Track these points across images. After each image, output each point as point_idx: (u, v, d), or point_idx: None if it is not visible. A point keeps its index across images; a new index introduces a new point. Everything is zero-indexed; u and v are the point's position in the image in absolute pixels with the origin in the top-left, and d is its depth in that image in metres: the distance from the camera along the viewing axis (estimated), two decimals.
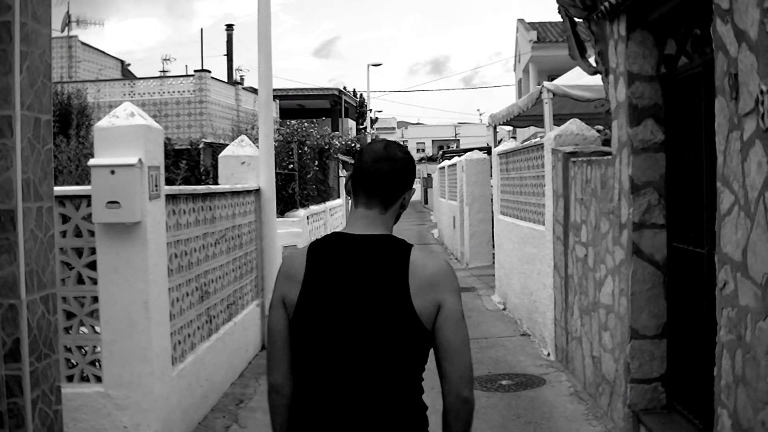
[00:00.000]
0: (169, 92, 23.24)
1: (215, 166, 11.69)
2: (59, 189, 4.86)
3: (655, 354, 5.12)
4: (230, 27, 33.19)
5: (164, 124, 20.26)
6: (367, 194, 2.25)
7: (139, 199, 4.95)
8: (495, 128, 14.68)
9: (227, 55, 32.49)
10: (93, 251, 5.06)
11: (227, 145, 9.60)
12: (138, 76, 27.05)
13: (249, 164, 8.83)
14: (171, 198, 5.69)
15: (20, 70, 2.89)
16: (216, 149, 17.88)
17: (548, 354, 8.04)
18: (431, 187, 41.03)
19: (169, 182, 8.97)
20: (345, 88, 40.83)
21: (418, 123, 78.54)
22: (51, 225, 3.16)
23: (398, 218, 2.33)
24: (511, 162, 10.76)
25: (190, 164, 16.18)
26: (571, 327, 7.16)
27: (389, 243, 2.21)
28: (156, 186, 5.20)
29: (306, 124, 14.31)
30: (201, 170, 17.31)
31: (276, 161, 9.80)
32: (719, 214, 3.57)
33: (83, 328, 5.17)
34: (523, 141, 16.70)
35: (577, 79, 10.09)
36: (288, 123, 14.54)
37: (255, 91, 21.78)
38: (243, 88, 27.45)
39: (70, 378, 5.13)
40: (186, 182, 14.40)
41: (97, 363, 5.11)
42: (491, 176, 13.66)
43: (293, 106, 34.24)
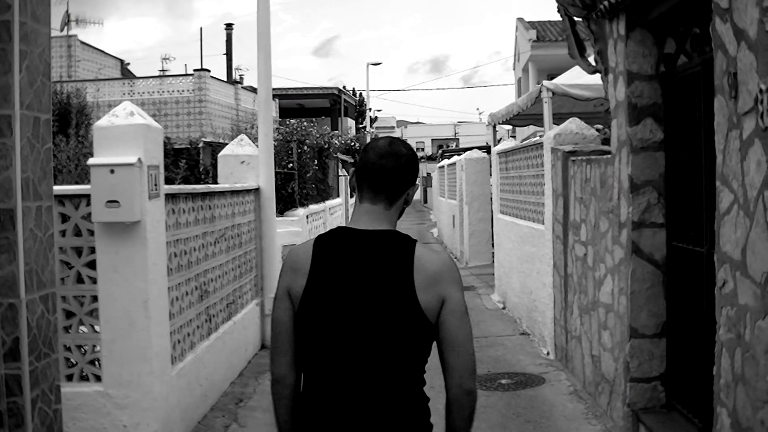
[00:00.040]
0: (169, 91, 23.22)
1: (215, 166, 11.70)
2: (59, 188, 4.86)
3: (655, 353, 5.12)
4: (230, 26, 33.19)
5: (164, 124, 20.25)
6: (373, 190, 2.30)
7: (139, 199, 4.95)
8: (494, 127, 14.67)
9: (227, 55, 32.48)
10: (92, 250, 5.06)
11: (227, 145, 9.60)
12: (137, 76, 27.03)
13: (248, 163, 8.83)
14: (170, 197, 5.69)
15: (19, 70, 2.89)
16: (215, 148, 17.89)
17: (548, 353, 8.04)
18: (431, 186, 41.03)
19: (169, 181, 8.96)
20: (344, 88, 40.82)
21: (418, 122, 78.57)
22: (50, 224, 3.15)
23: (402, 213, 2.39)
24: (511, 161, 10.76)
25: (190, 163, 16.19)
26: (571, 326, 7.16)
27: (394, 238, 2.26)
28: (155, 185, 5.20)
29: (305, 124, 14.30)
30: (200, 169, 17.32)
31: (275, 160, 9.80)
32: (718, 213, 3.57)
33: (83, 328, 5.17)
34: (523, 140, 16.70)
35: (577, 78, 10.08)
36: (287, 122, 14.53)
37: (254, 91, 21.78)
38: (242, 88, 27.44)
39: (70, 377, 5.13)
40: (185, 181, 14.41)
41: (97, 362, 5.11)
42: (491, 175, 13.67)
43: (293, 106, 34.23)
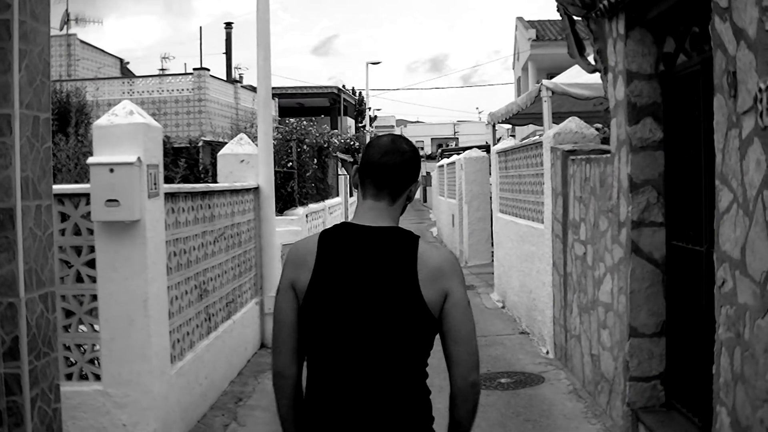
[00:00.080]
0: (168, 90, 23.21)
1: (214, 165, 11.70)
2: (58, 187, 4.86)
3: (654, 352, 5.12)
4: (229, 25, 33.14)
5: (163, 123, 20.24)
6: (376, 186, 2.33)
7: (138, 198, 4.95)
8: (494, 126, 14.68)
9: (226, 54, 32.44)
10: (92, 249, 5.05)
11: (226, 144, 9.59)
12: (137, 75, 27.02)
13: (248, 162, 8.82)
14: (170, 196, 5.69)
15: (19, 69, 2.89)
16: (215, 147, 17.89)
17: (547, 352, 8.04)
18: (430, 186, 41.02)
19: (168, 180, 8.96)
20: (344, 87, 40.79)
21: (417, 121, 78.53)
22: (50, 223, 3.15)
23: (404, 210, 2.41)
24: (510, 160, 10.76)
25: (189, 162, 16.19)
26: (570, 325, 7.16)
27: (398, 235, 2.30)
28: (155, 184, 5.20)
29: (305, 123, 14.29)
30: (200, 168, 17.32)
31: (275, 159, 9.80)
32: (718, 212, 3.57)
33: (82, 327, 5.17)
34: (522, 139, 16.70)
35: (576, 78, 10.09)
36: (287, 121, 14.52)
37: (254, 90, 21.77)
38: (242, 87, 27.42)
39: (69, 376, 5.12)
40: (185, 180, 14.41)
41: (96, 361, 5.11)
42: (490, 174, 13.66)
43: (292, 105, 34.21)
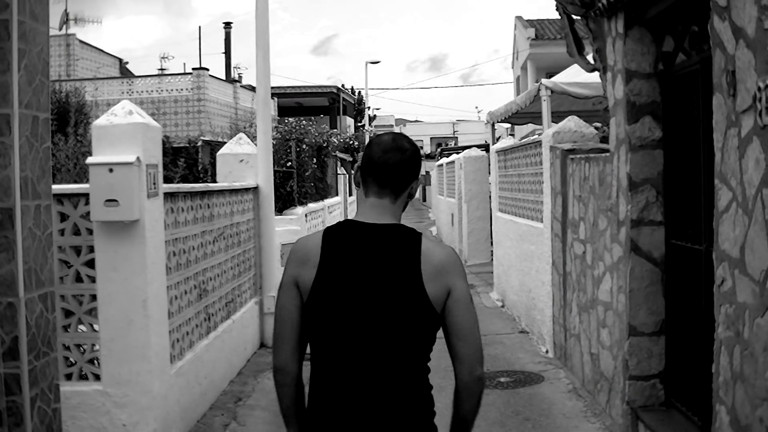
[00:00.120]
0: (167, 90, 23.21)
1: (213, 164, 11.69)
2: (57, 187, 4.86)
3: (654, 351, 5.13)
4: (228, 25, 33.14)
5: (162, 122, 20.25)
6: (379, 183, 2.36)
7: (138, 197, 4.95)
8: (493, 126, 14.69)
9: (225, 53, 32.44)
10: (91, 249, 5.05)
11: (225, 143, 9.59)
12: (136, 74, 27.03)
13: (247, 162, 8.82)
14: (169, 196, 5.69)
15: (18, 68, 2.89)
16: (214, 147, 17.87)
17: (546, 351, 8.05)
18: (429, 185, 41.01)
19: (168, 180, 8.96)
20: (343, 86, 40.81)
21: (417, 120, 78.41)
22: (49, 223, 3.15)
23: (405, 207, 2.45)
24: (510, 159, 10.76)
25: (189, 162, 16.19)
26: (570, 324, 7.17)
27: (402, 232, 2.33)
28: (154, 184, 5.20)
29: (304, 122, 14.29)
30: (199, 168, 17.31)
31: (274, 159, 9.80)
32: (717, 211, 3.57)
33: (82, 327, 5.17)
34: (522, 138, 16.71)
35: (575, 77, 10.09)
36: (286, 121, 14.52)
37: (253, 89, 21.75)
38: (241, 86, 27.42)
39: (69, 376, 5.12)
40: (184, 180, 14.41)
41: (96, 361, 5.11)
42: (489, 173, 13.67)
43: (291, 104, 34.22)
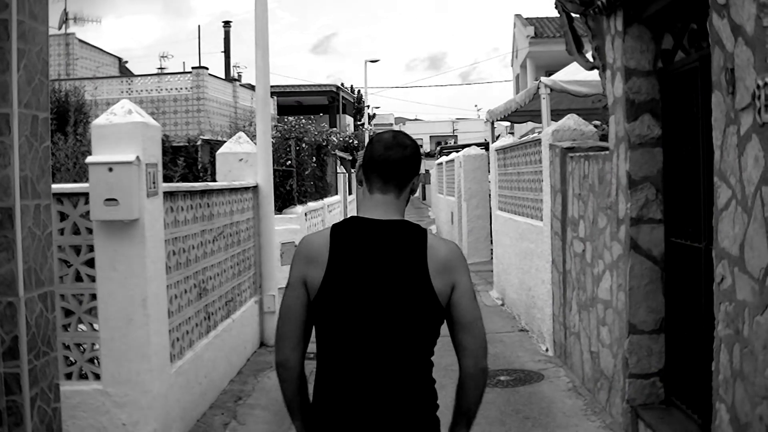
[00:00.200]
0: (167, 89, 23.20)
1: (213, 163, 11.68)
2: (57, 186, 4.86)
3: (654, 349, 5.13)
4: (227, 24, 33.09)
5: (162, 122, 20.23)
6: (383, 179, 2.41)
7: (137, 197, 4.94)
8: (493, 124, 14.70)
9: (225, 52, 32.38)
10: (91, 249, 5.05)
11: (225, 142, 9.59)
12: (135, 74, 27.02)
13: (247, 161, 8.82)
14: (169, 195, 5.69)
15: (18, 68, 2.89)
16: (214, 146, 17.86)
17: (546, 349, 8.05)
18: (429, 183, 40.99)
19: (167, 179, 8.96)
20: (342, 85, 40.78)
21: (416, 119, 78.44)
22: (49, 222, 3.15)
23: (408, 202, 2.50)
24: (509, 157, 10.76)
25: (188, 161, 16.17)
26: (570, 322, 7.17)
27: (408, 228, 2.39)
28: (154, 183, 5.20)
29: (304, 121, 14.29)
30: (199, 167, 17.29)
31: (274, 158, 9.81)
32: (716, 209, 3.58)
33: (81, 326, 5.17)
34: (521, 136, 16.71)
35: (575, 75, 10.11)
36: (286, 119, 14.52)
37: (252, 88, 21.75)
38: (240, 85, 27.40)
39: (69, 375, 5.13)
40: (184, 179, 14.40)
41: (96, 360, 5.11)
42: (489, 172, 13.66)
43: (291, 103, 34.20)
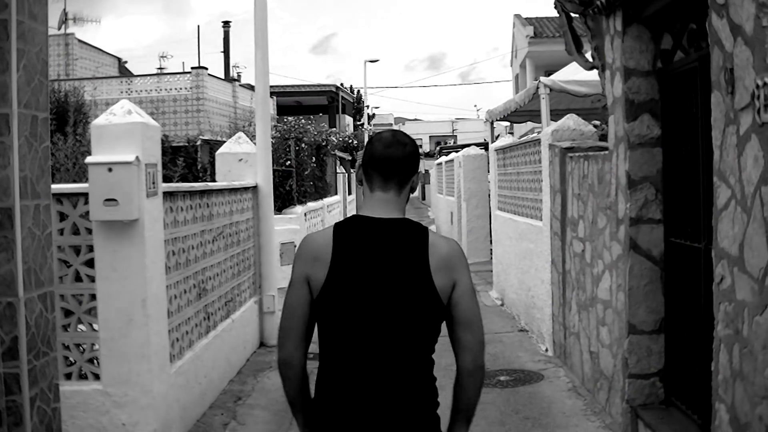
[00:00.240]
0: (166, 89, 23.19)
1: (212, 163, 11.69)
2: (57, 187, 4.86)
3: (653, 349, 5.13)
4: (227, 24, 33.11)
5: (161, 122, 20.23)
6: (384, 177, 2.44)
7: (137, 197, 4.94)
8: (492, 124, 14.70)
9: (224, 52, 32.41)
10: (91, 249, 5.05)
11: (224, 142, 9.59)
12: (135, 74, 27.01)
13: (246, 161, 8.82)
14: (168, 195, 5.69)
15: (17, 68, 2.89)
16: (213, 146, 17.87)
17: (546, 349, 8.05)
18: (429, 183, 40.98)
19: (167, 179, 8.96)
20: (342, 85, 40.76)
21: (416, 119, 78.44)
22: (48, 223, 3.15)
23: (408, 201, 2.53)
24: (509, 157, 10.76)
25: (188, 161, 16.18)
26: (569, 322, 7.17)
27: (409, 226, 2.42)
28: (153, 183, 5.20)
29: (303, 121, 14.31)
30: (198, 167, 17.29)
31: (273, 158, 9.82)
32: (716, 209, 3.58)
33: (81, 326, 5.17)
34: (521, 136, 16.72)
35: (574, 75, 10.11)
36: (285, 120, 14.55)
37: (252, 88, 21.73)
38: (240, 85, 27.40)
39: (69, 376, 5.13)
40: (183, 179, 14.41)
41: (96, 361, 5.11)
42: (488, 172, 13.66)
43: (290, 103, 34.19)
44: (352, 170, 23.10)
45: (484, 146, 17.60)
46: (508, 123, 21.19)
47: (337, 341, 2.36)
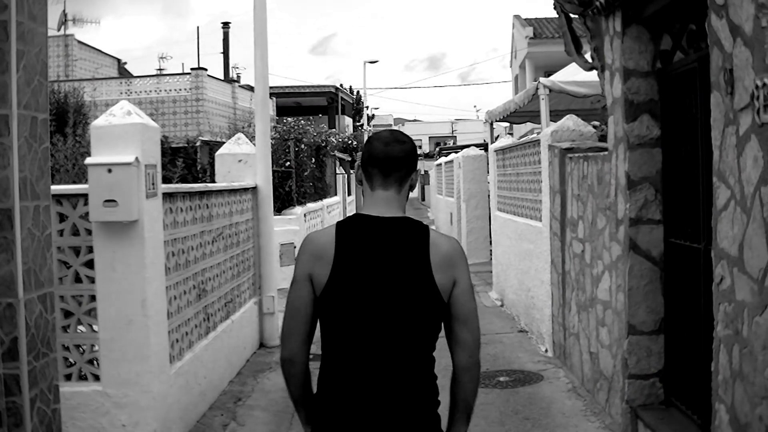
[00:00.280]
0: (166, 90, 23.19)
1: (212, 164, 11.70)
2: (56, 188, 4.86)
3: (653, 349, 5.13)
4: (226, 25, 33.13)
5: (161, 123, 20.24)
6: (384, 175, 2.47)
7: (136, 198, 4.95)
8: (492, 124, 14.70)
9: (224, 53, 32.43)
10: (90, 250, 5.05)
11: (224, 143, 9.60)
12: (134, 75, 27.00)
13: (246, 162, 8.82)
14: (168, 196, 5.69)
15: (17, 69, 2.89)
16: (213, 147, 17.87)
17: (546, 350, 8.05)
18: (428, 184, 40.99)
19: (166, 180, 8.96)
20: (341, 86, 40.76)
21: (415, 120, 78.41)
22: (48, 224, 3.15)
23: (408, 198, 2.55)
24: (508, 158, 10.76)
25: (187, 162, 16.19)
26: (569, 323, 7.17)
27: (411, 225, 2.45)
28: (153, 184, 5.20)
29: (303, 122, 14.32)
30: (198, 168, 17.30)
31: (273, 159, 9.82)
32: (715, 210, 3.58)
33: (81, 327, 5.17)
34: (520, 137, 16.72)
35: (574, 75, 10.11)
36: (285, 120, 14.55)
37: (251, 89, 21.73)
38: (239, 86, 27.39)
39: (69, 377, 5.13)
40: (183, 180, 14.41)
41: (95, 361, 5.11)
42: (488, 172, 13.67)
43: (290, 104, 34.18)
44: (352, 171, 23.11)
45: (484, 147, 17.61)
46: (508, 124, 21.20)
47: (340, 338, 2.38)
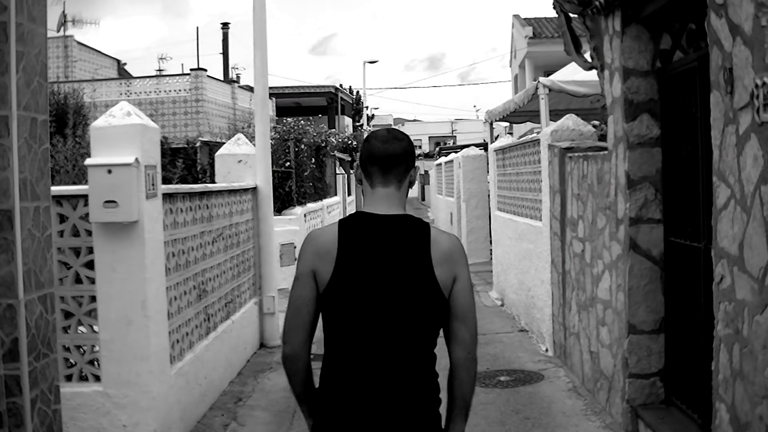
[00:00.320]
0: (166, 91, 23.18)
1: (212, 165, 11.70)
2: (56, 189, 4.86)
3: (653, 349, 5.13)
4: (226, 25, 33.13)
5: (161, 123, 20.22)
6: (383, 173, 2.49)
7: (136, 198, 4.95)
8: (491, 124, 14.70)
9: (223, 54, 32.43)
10: (90, 250, 5.05)
11: (224, 144, 9.60)
12: (134, 76, 27.00)
13: (246, 162, 8.82)
14: (168, 197, 5.69)
15: (16, 70, 2.89)
16: (213, 148, 17.87)
17: (546, 350, 8.05)
18: (428, 184, 40.99)
19: (166, 181, 8.97)
20: (341, 86, 40.73)
21: (415, 120, 78.40)
22: (48, 224, 3.16)
23: (407, 195, 2.58)
24: (508, 158, 10.76)
25: (187, 163, 16.19)
26: (569, 322, 7.17)
27: (412, 222, 2.47)
28: (153, 185, 5.20)
29: (302, 122, 14.32)
30: (198, 169, 17.31)
31: (273, 159, 9.83)
32: (715, 209, 3.58)
33: (81, 328, 5.17)
34: (520, 137, 16.72)
35: (573, 75, 10.11)
36: (284, 121, 14.56)
37: (251, 90, 21.73)
38: (239, 87, 27.38)
39: (69, 377, 5.13)
40: (183, 181, 14.41)
41: (96, 362, 5.11)
42: (488, 172, 13.67)
43: (290, 104, 34.16)
44: (352, 171, 23.11)
45: (484, 147, 17.62)
46: (508, 123, 21.20)
47: (343, 334, 2.40)
